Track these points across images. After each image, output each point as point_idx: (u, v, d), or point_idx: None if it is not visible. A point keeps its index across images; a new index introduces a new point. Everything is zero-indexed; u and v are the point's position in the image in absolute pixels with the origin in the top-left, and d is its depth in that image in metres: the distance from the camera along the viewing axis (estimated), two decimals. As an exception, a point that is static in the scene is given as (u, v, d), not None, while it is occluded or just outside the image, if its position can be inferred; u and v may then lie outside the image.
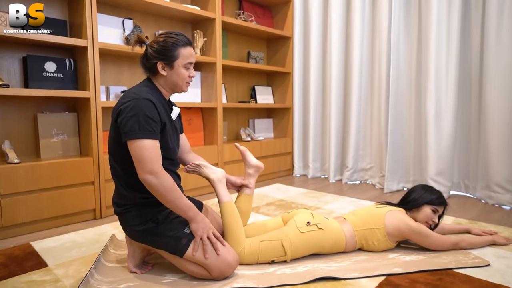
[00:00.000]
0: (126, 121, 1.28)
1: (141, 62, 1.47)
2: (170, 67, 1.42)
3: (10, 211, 1.90)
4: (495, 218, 2.22)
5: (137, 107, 1.28)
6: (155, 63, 1.41)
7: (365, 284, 1.36)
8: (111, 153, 1.41)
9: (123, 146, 1.33)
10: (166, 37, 1.41)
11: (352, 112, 3.24)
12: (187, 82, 1.47)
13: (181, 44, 1.41)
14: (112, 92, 2.50)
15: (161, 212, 1.39)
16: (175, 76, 1.43)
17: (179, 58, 1.41)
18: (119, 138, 1.34)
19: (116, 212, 1.44)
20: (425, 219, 1.64)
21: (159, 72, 1.43)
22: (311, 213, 1.62)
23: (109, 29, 2.44)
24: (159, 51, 1.40)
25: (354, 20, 3.17)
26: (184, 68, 1.43)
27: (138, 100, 1.30)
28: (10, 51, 2.11)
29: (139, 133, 1.27)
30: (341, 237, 1.60)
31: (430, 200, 1.65)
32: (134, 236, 1.41)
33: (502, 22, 2.44)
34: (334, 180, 3.38)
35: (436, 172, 2.74)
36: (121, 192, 1.40)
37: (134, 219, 1.38)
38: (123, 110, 1.30)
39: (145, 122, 1.28)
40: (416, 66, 2.90)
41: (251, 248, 1.49)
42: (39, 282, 1.39)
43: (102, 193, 2.24)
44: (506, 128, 2.47)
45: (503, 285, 1.35)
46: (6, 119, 2.11)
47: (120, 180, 1.40)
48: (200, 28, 2.97)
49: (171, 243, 1.35)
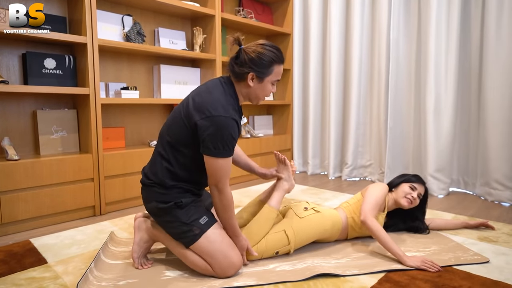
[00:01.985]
0: (211, 137, 1.30)
1: (230, 63, 1.43)
2: (259, 81, 1.41)
3: (9, 208, 1.90)
4: (494, 215, 2.22)
5: (225, 126, 1.30)
6: (247, 72, 1.39)
7: (364, 281, 1.36)
8: (172, 139, 1.40)
9: (192, 147, 1.37)
10: (266, 50, 1.38)
11: (352, 108, 3.24)
12: (266, 97, 1.49)
13: (278, 61, 1.41)
14: (112, 88, 2.50)
15: (185, 197, 1.41)
16: (260, 90, 1.43)
17: (271, 74, 1.41)
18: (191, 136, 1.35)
19: (143, 182, 1.46)
20: (403, 194, 1.73)
21: (246, 81, 1.41)
22: (306, 201, 1.70)
23: (109, 25, 2.43)
24: (255, 62, 1.38)
25: (354, 16, 3.16)
26: (270, 84, 1.44)
27: (227, 119, 1.31)
28: (9, 48, 2.10)
29: (221, 152, 1.31)
30: (337, 218, 1.67)
31: (406, 178, 1.80)
32: (153, 211, 1.43)
33: (502, 17, 2.43)
34: (333, 177, 3.38)
35: (436, 169, 2.74)
36: (157, 170, 1.41)
37: (159, 196, 1.40)
38: (211, 124, 1.30)
39: (229, 142, 1.32)
40: (415, 61, 2.89)
41: (259, 247, 1.50)
42: (39, 278, 1.39)
43: (102, 190, 2.24)
44: (505, 124, 2.46)
45: (502, 281, 1.36)
46: (5, 116, 2.11)
47: (164, 163, 1.41)
48: (200, 25, 2.96)
49: (184, 229, 1.36)
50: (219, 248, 1.36)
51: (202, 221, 1.38)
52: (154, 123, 2.84)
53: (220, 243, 1.37)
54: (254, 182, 3.18)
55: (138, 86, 2.70)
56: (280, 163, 1.66)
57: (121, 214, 2.26)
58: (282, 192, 1.63)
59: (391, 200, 1.77)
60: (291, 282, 1.35)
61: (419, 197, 1.76)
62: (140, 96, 2.68)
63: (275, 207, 1.57)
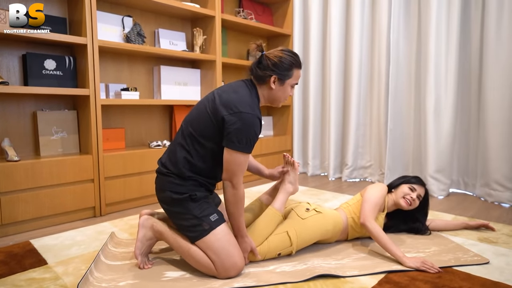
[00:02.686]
0: (237, 131, 1.35)
1: (252, 68, 1.50)
2: (280, 83, 1.48)
3: (9, 209, 1.90)
4: (494, 216, 2.22)
5: (250, 123, 1.36)
6: (269, 75, 1.46)
7: (364, 282, 1.36)
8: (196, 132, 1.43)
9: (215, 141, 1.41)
10: (286, 55, 1.47)
11: (352, 109, 3.24)
12: (285, 100, 1.55)
13: (297, 65, 1.49)
14: (112, 90, 2.50)
15: (199, 191, 1.43)
16: (280, 93, 1.51)
17: (291, 78, 1.49)
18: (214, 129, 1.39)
19: (159, 171, 1.48)
20: (402, 195, 1.74)
21: (268, 84, 1.48)
22: (307, 202, 1.70)
23: (109, 26, 2.44)
24: (277, 66, 1.45)
25: (354, 17, 3.16)
26: (290, 87, 1.52)
27: (253, 116, 1.37)
28: (9, 49, 2.10)
29: (244, 147, 1.36)
30: (338, 218, 1.68)
31: (406, 180, 1.80)
32: (166, 200, 1.44)
33: (502, 18, 2.43)
34: (333, 178, 3.38)
35: (436, 169, 2.74)
36: (176, 161, 1.44)
37: (175, 186, 1.42)
38: (239, 119, 1.35)
39: (252, 139, 1.38)
40: (415, 62, 2.89)
41: (261, 249, 1.50)
42: (39, 279, 1.39)
43: (102, 191, 2.24)
44: (505, 125, 2.46)
45: (502, 282, 1.36)
46: (5, 117, 2.11)
47: (184, 153, 1.43)
48: (200, 26, 2.96)
49: (194, 223, 1.38)
50: (224, 246, 1.37)
51: (213, 218, 1.40)
52: (154, 124, 2.84)
53: (227, 242, 1.38)
54: (255, 183, 3.18)
55: (138, 87, 2.70)
56: (289, 165, 1.68)
57: (121, 215, 2.26)
58: (286, 195, 1.63)
59: (390, 200, 1.78)
60: (291, 283, 1.35)
61: (418, 199, 1.76)
62: (140, 97, 2.68)
63: (280, 210, 1.57)
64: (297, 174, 1.68)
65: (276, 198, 1.61)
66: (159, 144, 2.61)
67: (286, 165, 1.69)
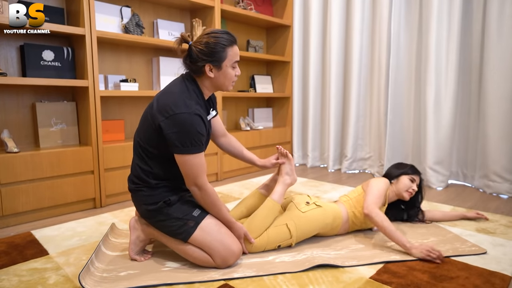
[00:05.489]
0: (177, 135, 1.29)
1: (184, 62, 1.43)
2: (218, 69, 1.39)
3: (10, 200, 1.91)
4: (493, 207, 2.23)
5: (188, 123, 1.29)
6: (203, 66, 1.38)
7: (363, 272, 1.38)
8: (142, 142, 1.40)
9: (160, 146, 1.35)
10: (211, 37, 1.36)
11: (352, 101, 3.23)
12: (232, 81, 1.45)
13: (228, 43, 1.38)
14: (111, 81, 2.49)
15: (173, 194, 1.42)
16: (222, 77, 1.41)
17: (227, 59, 1.39)
18: (157, 137, 1.34)
19: (130, 189, 1.47)
20: (405, 188, 1.76)
21: (205, 74, 1.40)
22: (307, 195, 1.70)
23: (107, 17, 2.42)
24: (206, 53, 1.36)
25: (355, 8, 3.13)
26: (231, 67, 1.41)
27: (190, 115, 1.30)
28: (7, 40, 2.09)
29: (190, 148, 1.30)
30: (338, 212, 1.68)
31: (404, 171, 1.81)
32: (145, 214, 1.44)
33: (504, 10, 2.41)
34: (333, 170, 3.39)
35: (435, 161, 2.74)
36: (138, 173, 1.42)
37: (147, 198, 1.41)
38: (175, 122, 1.29)
39: (197, 138, 1.31)
40: (416, 54, 2.88)
41: (260, 240, 1.51)
42: (41, 269, 1.40)
43: (102, 182, 2.25)
44: (505, 117, 2.46)
45: (498, 272, 1.37)
46: (4, 108, 2.10)
47: (142, 165, 1.41)
48: (199, 16, 2.94)
49: (178, 224, 1.37)
50: (216, 237, 1.37)
51: (195, 213, 1.40)
52: (154, 115, 2.83)
53: (217, 232, 1.38)
54: (254, 175, 3.19)
55: (137, 78, 2.69)
56: (283, 157, 1.67)
57: (121, 206, 2.27)
58: (285, 186, 1.63)
59: (391, 192, 1.79)
60: (290, 273, 1.36)
61: (419, 189, 1.83)
62: (139, 88, 2.67)
63: (278, 202, 1.57)
64: (292, 164, 1.67)
65: (274, 189, 1.62)
66: (159, 136, 2.60)
67: (281, 156, 1.68)
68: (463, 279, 1.32)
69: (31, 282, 1.31)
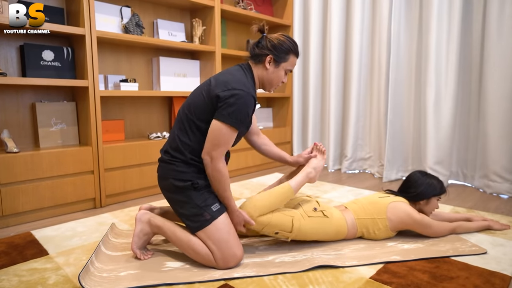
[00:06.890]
0: (229, 105, 1.35)
1: (251, 47, 1.53)
2: (276, 65, 1.51)
3: (10, 200, 1.91)
4: (493, 207, 2.24)
5: (244, 100, 1.37)
6: (266, 54, 1.49)
7: (363, 272, 1.38)
8: (191, 114, 1.44)
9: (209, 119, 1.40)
10: (286, 39, 1.51)
11: (352, 101, 3.23)
12: (278, 84, 1.56)
13: (294, 51, 1.53)
14: (111, 81, 2.49)
15: (201, 179, 1.44)
16: (274, 75, 1.52)
17: (287, 62, 1.52)
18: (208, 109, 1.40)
19: (162, 159, 1.49)
20: (432, 210, 1.72)
21: (263, 64, 1.50)
22: (316, 201, 1.65)
23: (107, 17, 2.42)
24: (275, 47, 1.49)
25: (355, 8, 3.13)
26: (284, 71, 1.54)
27: (247, 94, 1.38)
28: (6, 39, 2.09)
29: (233, 121, 1.36)
30: (343, 227, 1.63)
31: (436, 193, 1.69)
32: (169, 187, 1.46)
33: (504, 10, 2.41)
34: (333, 169, 3.39)
35: (435, 161, 2.74)
36: (177, 145, 1.45)
37: (177, 174, 1.43)
38: (232, 95, 1.35)
39: (242, 116, 1.38)
40: (416, 54, 2.88)
41: (262, 219, 1.47)
42: (41, 269, 1.40)
43: (102, 182, 2.24)
44: (505, 117, 2.46)
45: (499, 272, 1.37)
46: (4, 108, 2.10)
47: (182, 137, 1.44)
48: (199, 16, 2.94)
49: (195, 212, 1.39)
50: (224, 237, 1.38)
51: (214, 208, 1.41)
52: (154, 115, 2.83)
53: (227, 233, 1.39)
54: (254, 175, 3.19)
55: (137, 78, 2.69)
56: (319, 152, 1.71)
57: (121, 206, 2.27)
58: (306, 178, 1.61)
59: (417, 210, 1.72)
60: (290, 273, 1.36)
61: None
62: (139, 88, 2.67)
63: (294, 189, 1.55)
64: (323, 163, 1.68)
65: (295, 177, 1.60)
66: (159, 136, 2.61)
67: (316, 151, 1.71)
68: (463, 279, 1.32)
69: (31, 282, 1.31)
